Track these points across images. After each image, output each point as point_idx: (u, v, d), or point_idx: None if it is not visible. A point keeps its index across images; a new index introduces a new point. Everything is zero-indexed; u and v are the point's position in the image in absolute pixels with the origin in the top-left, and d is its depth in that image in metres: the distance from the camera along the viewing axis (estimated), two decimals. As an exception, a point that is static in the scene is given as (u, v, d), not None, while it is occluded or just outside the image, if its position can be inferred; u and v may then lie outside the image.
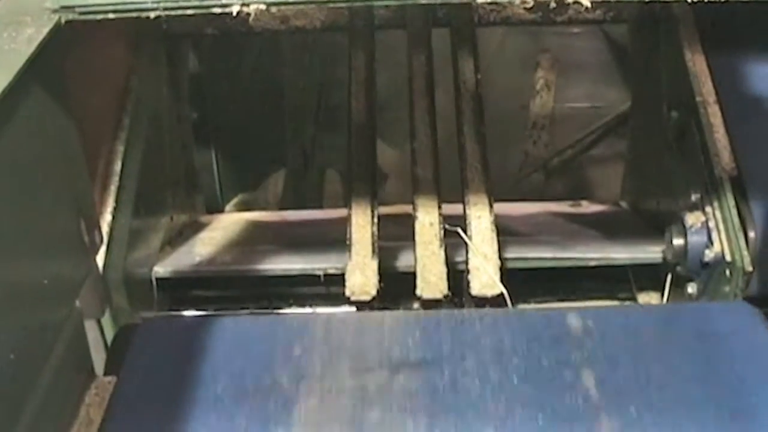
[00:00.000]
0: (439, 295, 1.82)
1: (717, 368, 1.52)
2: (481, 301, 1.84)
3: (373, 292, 1.86)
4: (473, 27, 2.33)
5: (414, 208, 1.96)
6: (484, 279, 1.85)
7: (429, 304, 1.82)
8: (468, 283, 1.87)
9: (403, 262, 2.01)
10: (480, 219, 1.94)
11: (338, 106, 4.28)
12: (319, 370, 1.53)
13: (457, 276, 1.89)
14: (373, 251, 1.92)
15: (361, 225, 1.96)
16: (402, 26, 2.36)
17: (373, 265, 1.89)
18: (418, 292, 1.84)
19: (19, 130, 1.26)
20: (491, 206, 1.96)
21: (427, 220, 1.93)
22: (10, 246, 1.25)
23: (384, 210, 2.31)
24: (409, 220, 1.97)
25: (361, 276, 1.88)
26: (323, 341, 1.59)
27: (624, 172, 2.58)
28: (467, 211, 1.96)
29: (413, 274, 1.88)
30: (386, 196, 2.88)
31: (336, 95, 4.31)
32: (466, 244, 1.92)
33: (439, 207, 1.95)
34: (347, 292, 1.87)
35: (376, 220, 1.98)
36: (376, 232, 1.95)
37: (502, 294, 1.86)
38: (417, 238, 1.91)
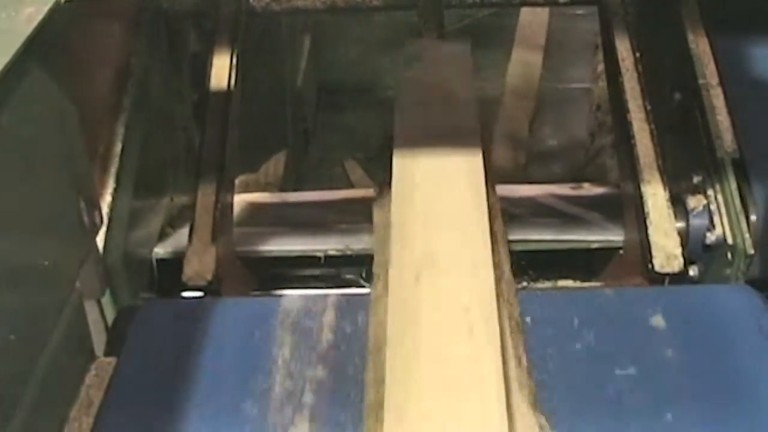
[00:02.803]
0: None
1: (718, 351, 1.52)
2: None
3: None
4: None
5: None
6: None
7: None
8: None
9: None
10: None
11: (339, 86, 4.28)
12: (324, 352, 1.53)
13: None
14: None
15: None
16: (413, 6, 2.35)
17: None
18: None
19: (19, 110, 1.26)
20: None
21: None
22: (10, 227, 1.25)
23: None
24: None
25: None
26: (326, 323, 1.59)
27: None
28: None
29: None
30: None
31: (336, 76, 4.31)
32: None
33: None
34: None
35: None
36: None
37: None
38: None
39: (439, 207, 1.67)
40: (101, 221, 1.60)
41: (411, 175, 1.76)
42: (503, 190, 2.29)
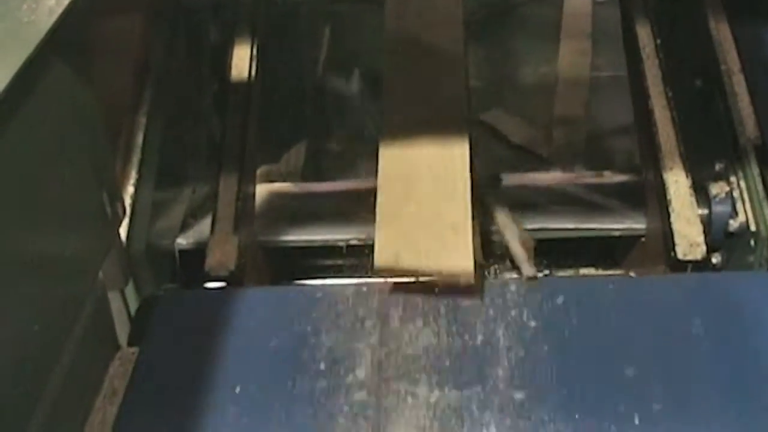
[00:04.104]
0: None
1: (741, 338, 1.51)
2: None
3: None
4: None
5: None
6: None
7: None
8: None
9: None
10: None
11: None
12: (344, 343, 1.53)
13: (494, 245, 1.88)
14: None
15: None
16: None
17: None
18: None
19: (40, 103, 1.27)
20: None
21: None
22: (33, 219, 1.26)
23: None
24: None
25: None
26: (347, 312, 1.59)
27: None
28: None
29: None
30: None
31: (356, 65, 4.30)
32: None
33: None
34: None
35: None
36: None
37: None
38: None
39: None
40: (124, 212, 1.61)
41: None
42: (524, 178, 2.29)
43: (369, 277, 2.11)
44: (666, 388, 1.42)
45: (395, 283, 1.63)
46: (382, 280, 2.07)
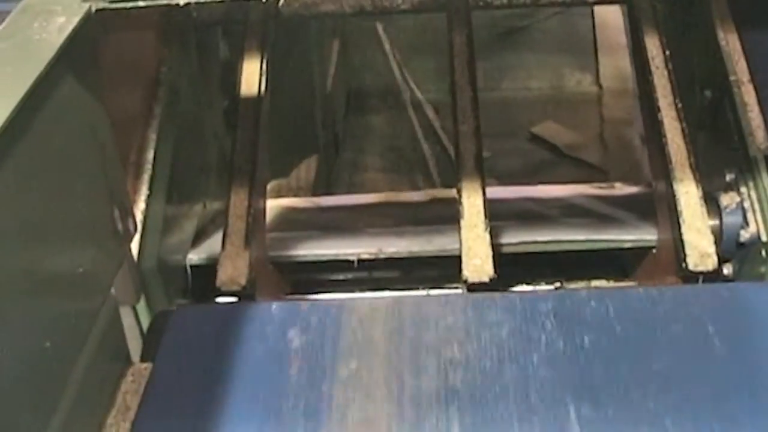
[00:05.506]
0: (485, 278, 1.81)
1: (751, 348, 1.51)
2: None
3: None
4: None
5: (458, 192, 1.94)
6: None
7: (475, 287, 1.81)
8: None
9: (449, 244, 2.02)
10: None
11: (368, 90, 4.29)
12: (355, 357, 1.53)
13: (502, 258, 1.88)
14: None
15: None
16: (442, 9, 2.34)
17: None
18: (464, 275, 1.83)
19: (51, 119, 1.27)
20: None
21: (473, 202, 1.92)
22: (45, 235, 1.26)
23: (429, 194, 2.32)
24: (453, 203, 1.96)
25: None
26: (358, 327, 1.59)
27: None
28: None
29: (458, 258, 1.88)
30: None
31: (365, 79, 4.32)
32: None
33: (484, 190, 1.94)
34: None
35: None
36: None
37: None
38: (462, 221, 1.90)
39: None
40: (135, 228, 1.61)
41: None
42: (535, 191, 2.29)
43: (381, 290, 2.12)
44: (679, 396, 1.42)
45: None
46: (393, 294, 2.08)
